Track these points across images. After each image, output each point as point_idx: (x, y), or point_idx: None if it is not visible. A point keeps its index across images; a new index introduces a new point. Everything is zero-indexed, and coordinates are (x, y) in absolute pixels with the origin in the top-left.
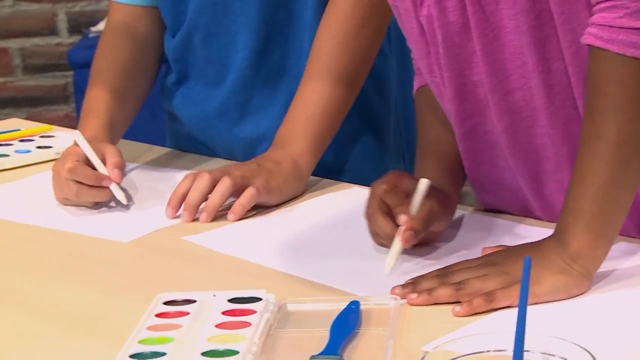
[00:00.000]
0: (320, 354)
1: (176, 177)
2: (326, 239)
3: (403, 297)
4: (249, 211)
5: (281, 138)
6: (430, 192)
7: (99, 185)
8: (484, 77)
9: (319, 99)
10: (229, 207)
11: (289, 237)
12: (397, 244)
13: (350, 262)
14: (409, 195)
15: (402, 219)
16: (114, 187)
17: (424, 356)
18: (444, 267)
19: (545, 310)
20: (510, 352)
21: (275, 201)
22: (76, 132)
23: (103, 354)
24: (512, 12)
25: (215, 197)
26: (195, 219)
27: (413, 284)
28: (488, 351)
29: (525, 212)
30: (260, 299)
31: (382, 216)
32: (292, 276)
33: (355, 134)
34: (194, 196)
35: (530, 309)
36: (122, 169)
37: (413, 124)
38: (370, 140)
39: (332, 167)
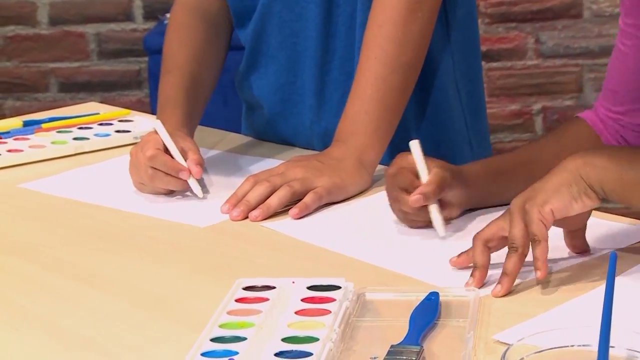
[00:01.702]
0: (401, 343)
1: (253, 165)
2: (404, 229)
3: (476, 286)
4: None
5: (342, 134)
6: (443, 165)
7: (176, 175)
8: None
9: (375, 91)
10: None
11: (368, 226)
12: (434, 211)
13: (429, 253)
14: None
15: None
16: (191, 181)
17: (507, 349)
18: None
19: (630, 305)
20: (594, 348)
21: (340, 199)
22: (157, 121)
23: (184, 336)
24: None
25: (274, 200)
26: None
27: (476, 273)
28: (572, 346)
29: None
30: (339, 287)
31: (405, 194)
32: (370, 265)
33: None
34: (252, 196)
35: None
36: (202, 166)
37: (478, 110)
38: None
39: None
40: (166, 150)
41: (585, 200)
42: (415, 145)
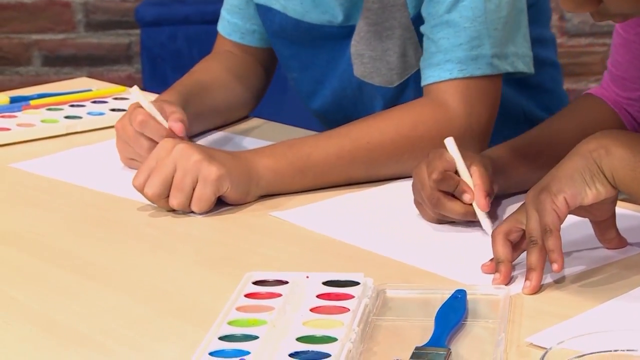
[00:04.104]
0: (426, 345)
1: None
2: (428, 222)
3: (503, 282)
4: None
5: (261, 149)
6: (481, 160)
7: None
8: None
9: (322, 151)
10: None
11: (388, 218)
12: (483, 216)
13: (454, 248)
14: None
15: (465, 198)
16: None
17: (545, 353)
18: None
19: None
20: None
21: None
22: (134, 87)
23: (189, 334)
24: None
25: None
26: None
27: (501, 267)
28: (615, 350)
29: None
30: (357, 283)
31: (449, 200)
32: (391, 260)
33: None
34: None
35: None
36: (184, 122)
37: None
38: None
39: None
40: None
41: (599, 188)
42: (450, 142)
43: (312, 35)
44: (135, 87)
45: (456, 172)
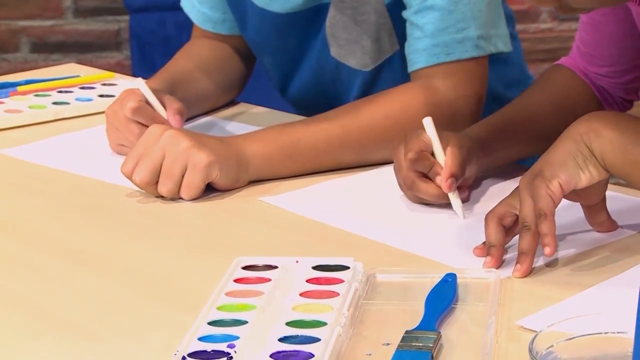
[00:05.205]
0: (416, 328)
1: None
2: (418, 206)
3: (495, 265)
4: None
5: (250, 134)
6: (458, 141)
7: None
8: None
9: (312, 134)
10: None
11: (378, 202)
12: (454, 197)
13: (444, 231)
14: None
15: (438, 180)
16: None
17: (535, 336)
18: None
19: None
20: (631, 335)
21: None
22: (139, 79)
23: (178, 319)
24: None
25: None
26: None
27: (493, 251)
28: (606, 333)
29: None
30: (347, 268)
31: (423, 182)
32: (380, 244)
33: None
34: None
35: None
36: (183, 115)
37: None
38: None
39: None
40: (148, 105)
41: (592, 171)
42: (428, 122)
43: (277, 23)
44: (141, 80)
45: (432, 154)
